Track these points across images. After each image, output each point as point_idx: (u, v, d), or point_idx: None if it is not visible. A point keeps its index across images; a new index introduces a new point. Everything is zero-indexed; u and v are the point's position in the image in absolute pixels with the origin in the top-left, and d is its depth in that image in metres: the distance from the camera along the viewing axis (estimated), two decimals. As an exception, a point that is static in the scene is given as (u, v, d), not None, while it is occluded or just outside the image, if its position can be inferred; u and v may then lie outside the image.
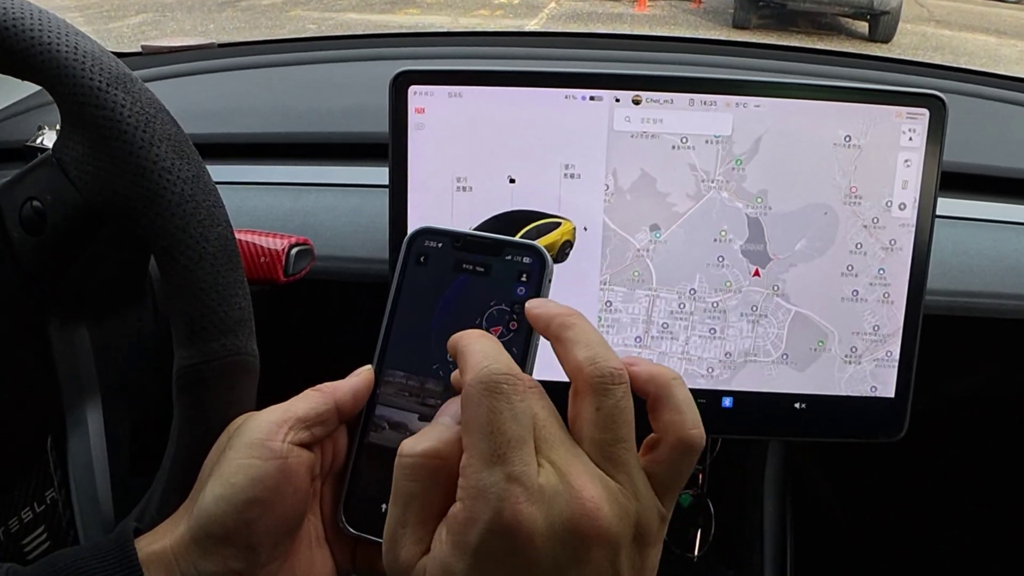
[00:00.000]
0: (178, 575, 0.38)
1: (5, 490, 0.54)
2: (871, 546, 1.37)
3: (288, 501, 0.39)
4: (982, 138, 1.02)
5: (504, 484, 0.30)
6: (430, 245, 0.44)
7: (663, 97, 0.72)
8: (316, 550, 0.43)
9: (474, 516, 0.30)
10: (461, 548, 0.31)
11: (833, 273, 0.73)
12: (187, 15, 10.79)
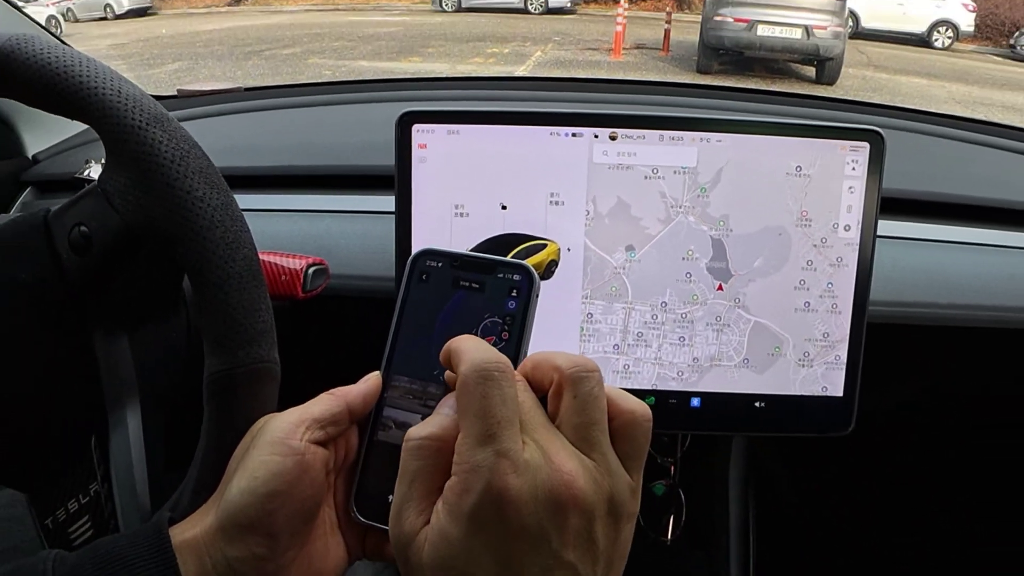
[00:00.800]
0: (207, 560, 0.38)
1: (53, 483, 0.53)
2: (824, 529, 1.37)
3: (305, 493, 0.39)
4: (916, 168, 1.02)
5: (494, 459, 0.32)
6: (431, 264, 0.45)
7: (636, 134, 0.72)
8: (330, 537, 0.43)
9: (468, 487, 0.32)
10: (456, 516, 0.32)
11: (787, 287, 0.74)
12: (217, 63, 10.82)
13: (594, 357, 0.75)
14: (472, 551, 0.32)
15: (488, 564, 0.32)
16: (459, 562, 0.32)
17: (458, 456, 0.33)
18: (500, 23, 14.78)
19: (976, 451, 1.33)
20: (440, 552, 0.32)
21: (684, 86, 1.82)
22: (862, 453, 1.27)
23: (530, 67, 10.70)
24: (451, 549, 0.32)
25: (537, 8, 16.00)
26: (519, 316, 0.43)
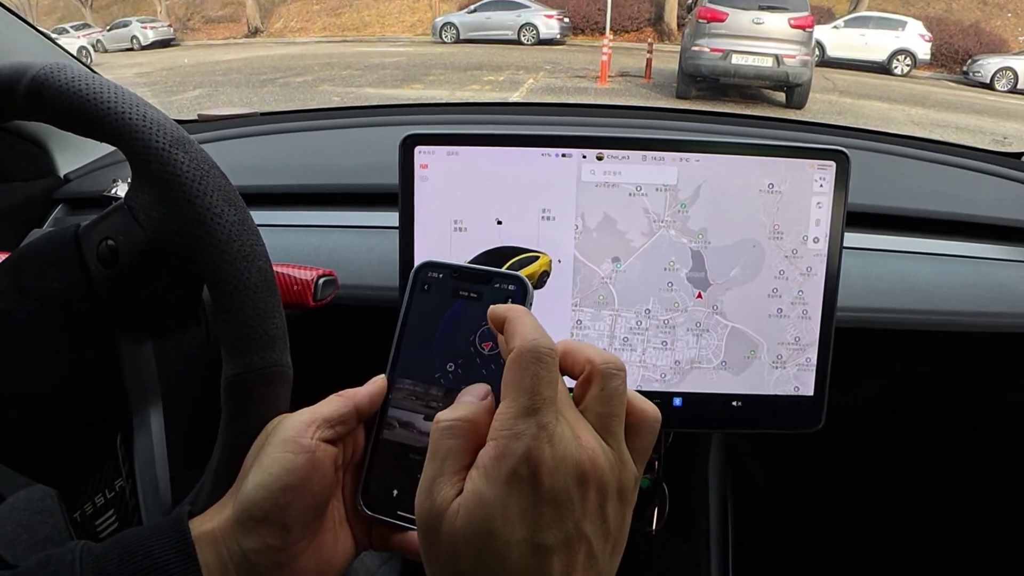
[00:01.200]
0: (224, 551, 0.38)
1: (81, 479, 0.53)
2: (798, 520, 1.37)
3: (316, 488, 0.39)
4: (879, 184, 1.03)
5: (535, 429, 0.32)
6: (432, 276, 0.45)
7: (621, 154, 0.72)
8: (339, 530, 0.42)
9: (507, 452, 0.32)
10: (493, 479, 0.32)
11: (761, 295, 0.74)
12: (235, 90, 10.86)
13: (583, 360, 0.75)
14: (507, 512, 0.32)
15: (519, 526, 0.32)
16: (495, 523, 0.32)
17: (499, 424, 0.33)
18: (495, 53, 14.84)
19: (937, 446, 1.33)
20: (475, 515, 0.32)
21: (665, 110, 1.83)
22: (832, 448, 1.27)
23: (523, 93, 10.74)
24: (486, 511, 0.32)
25: (529, 40, 16.06)
26: None
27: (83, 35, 17.40)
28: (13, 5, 0.99)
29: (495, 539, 0.31)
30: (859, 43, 14.64)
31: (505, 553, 0.32)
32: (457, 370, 0.43)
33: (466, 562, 0.32)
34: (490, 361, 0.42)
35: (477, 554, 0.32)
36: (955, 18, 17.68)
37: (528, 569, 0.32)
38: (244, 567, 0.38)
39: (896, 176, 1.11)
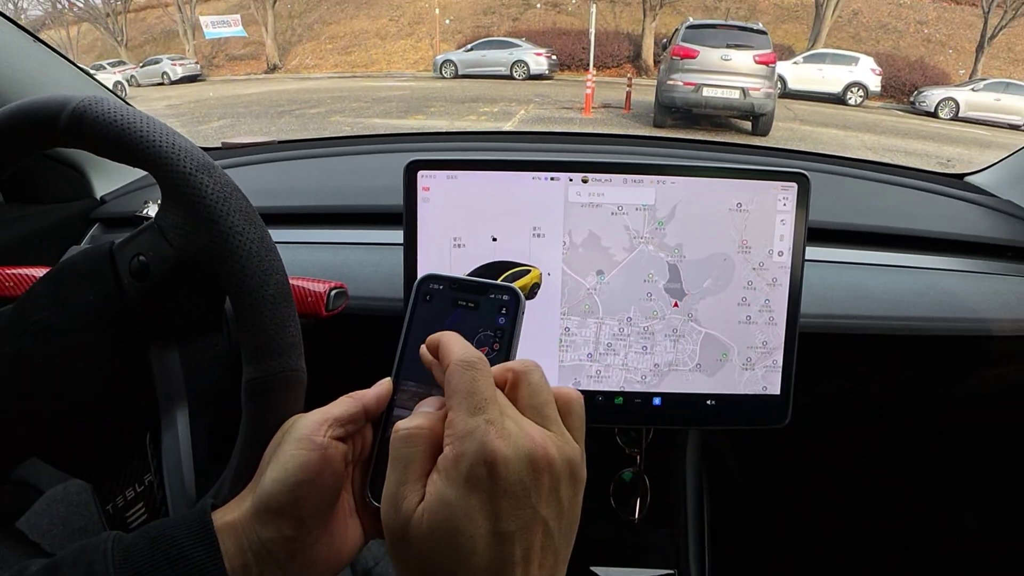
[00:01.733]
0: (244, 540, 0.38)
1: (113, 474, 0.53)
2: (768, 507, 1.36)
3: (327, 482, 0.39)
4: (836, 203, 1.03)
5: (484, 426, 0.33)
6: (433, 287, 0.45)
7: (604, 177, 0.72)
8: (349, 520, 0.42)
9: (463, 452, 0.33)
10: (453, 479, 0.33)
11: (732, 303, 0.74)
12: (255, 120, 10.87)
13: (571, 364, 0.75)
14: (468, 510, 0.32)
15: (481, 520, 0.32)
16: (459, 522, 0.32)
17: (451, 429, 0.34)
18: (490, 87, 14.91)
19: (892, 440, 1.34)
20: (439, 516, 0.32)
21: (643, 138, 1.84)
22: (798, 442, 1.27)
23: (515, 123, 10.79)
24: (449, 510, 0.32)
25: (520, 75, 16.15)
26: (508, 329, 0.43)
27: (119, 71, 17.48)
28: (55, 43, 0.99)
29: (460, 535, 0.32)
30: (817, 77, 14.77)
31: (470, 547, 0.32)
32: None
33: (432, 561, 0.33)
34: (488, 358, 0.42)
35: (444, 551, 0.32)
36: (902, 54, 17.88)
37: (492, 557, 0.32)
38: (262, 555, 0.38)
39: (852, 195, 1.12)
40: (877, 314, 0.87)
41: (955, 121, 13.53)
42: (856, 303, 0.87)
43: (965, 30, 18.14)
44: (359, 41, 21.44)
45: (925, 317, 0.87)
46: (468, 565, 0.32)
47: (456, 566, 0.32)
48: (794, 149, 1.37)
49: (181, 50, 20.61)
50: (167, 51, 20.35)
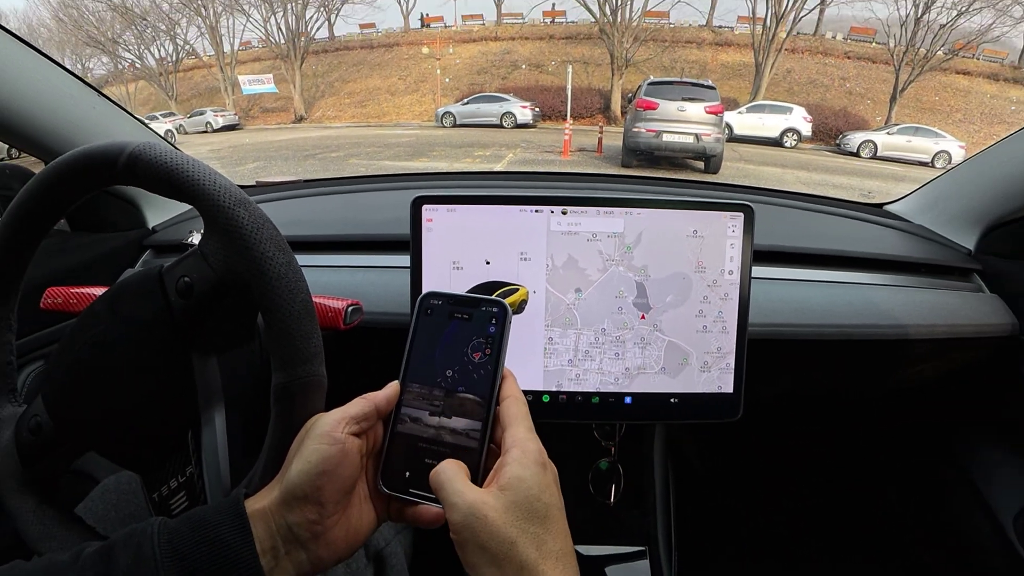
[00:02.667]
0: (272, 524, 0.38)
1: (159, 467, 0.53)
2: (724, 490, 1.36)
3: (345, 472, 0.39)
4: (776, 229, 1.04)
5: (535, 437, 0.40)
6: (434, 302, 0.46)
7: (580, 209, 0.72)
8: (364, 505, 0.42)
9: (529, 449, 0.39)
10: (527, 465, 0.38)
11: (690, 315, 0.74)
12: (284, 163, 10.89)
13: (554, 369, 0.74)
14: (546, 483, 0.38)
15: (553, 494, 0.38)
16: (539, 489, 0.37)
17: (515, 437, 0.40)
18: (483, 135, 14.99)
19: (827, 429, 1.34)
20: (526, 483, 0.37)
21: (613, 176, 1.85)
22: (749, 433, 1.27)
23: (505, 164, 10.84)
24: (534, 479, 0.38)
25: (509, 124, 16.22)
26: (497, 337, 0.44)
27: (169, 121, 17.52)
28: (116, 97, 1.00)
29: (543, 495, 0.37)
30: (758, 124, 14.95)
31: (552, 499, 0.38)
32: (454, 375, 0.44)
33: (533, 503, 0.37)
34: (479, 368, 0.43)
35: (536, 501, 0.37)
36: (828, 104, 18.15)
37: (558, 505, 0.38)
38: (288, 537, 0.38)
39: (790, 223, 1.13)
40: (813, 323, 0.87)
41: (874, 159, 13.71)
42: (795, 313, 0.87)
43: (880, 84, 18.46)
44: (373, 96, 21.54)
45: (854, 324, 0.88)
46: (556, 503, 0.38)
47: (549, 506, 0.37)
48: (740, 184, 1.39)
49: (222, 103, 20.65)
50: (210, 104, 20.37)
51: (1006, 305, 0.95)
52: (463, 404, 0.43)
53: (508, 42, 22.21)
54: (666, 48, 20.06)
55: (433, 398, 0.43)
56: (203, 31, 21.34)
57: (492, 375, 0.43)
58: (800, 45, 19.59)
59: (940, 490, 1.15)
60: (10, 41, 0.74)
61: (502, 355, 0.44)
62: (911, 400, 1.19)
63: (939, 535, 1.14)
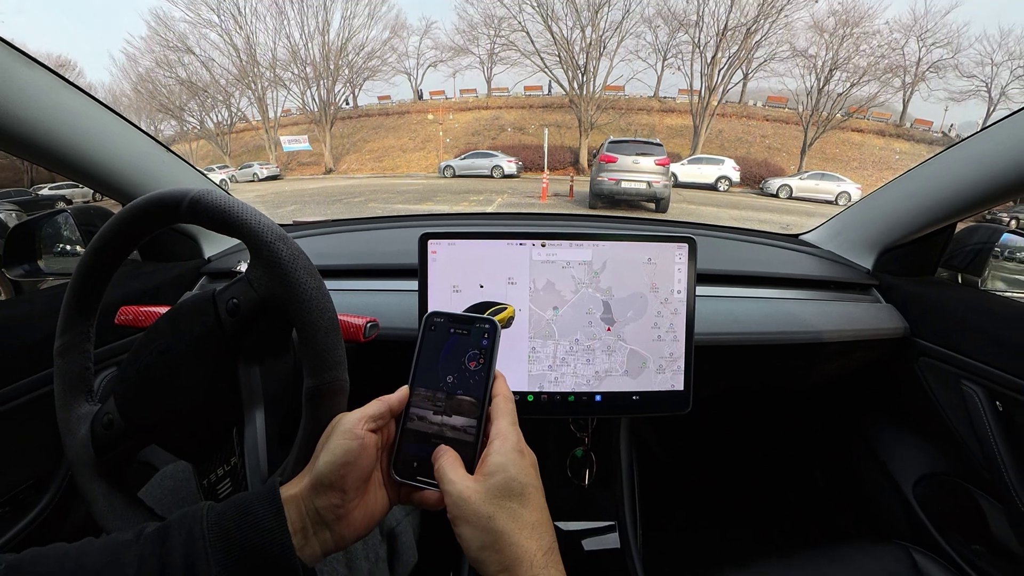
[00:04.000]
0: (303, 508, 0.38)
1: (209, 457, 0.51)
2: (679, 472, 1.35)
3: (364, 463, 0.39)
4: (714, 256, 1.05)
5: (517, 430, 0.40)
6: (437, 320, 0.46)
7: (556, 242, 0.72)
8: (379, 491, 0.41)
9: (509, 437, 0.39)
10: (506, 452, 0.38)
11: (647, 327, 0.73)
12: (316, 206, 10.92)
13: (537, 373, 0.73)
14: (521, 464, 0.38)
15: (530, 475, 0.38)
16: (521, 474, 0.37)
17: (500, 428, 0.40)
18: (477, 183, 15.13)
19: (760, 418, 1.33)
20: (510, 467, 0.38)
21: (582, 216, 1.86)
22: (698, 424, 1.26)
23: (495, 206, 10.93)
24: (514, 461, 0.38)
25: (498, 175, 16.36)
26: (489, 348, 0.43)
27: (223, 172, 17.60)
28: (182, 152, 1.01)
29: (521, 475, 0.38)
30: (697, 172, 15.24)
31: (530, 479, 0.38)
32: (454, 380, 0.43)
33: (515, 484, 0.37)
34: (474, 374, 0.43)
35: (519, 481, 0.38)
36: (752, 156, 18.55)
37: (537, 485, 0.38)
38: (316, 519, 0.37)
39: (725, 251, 1.14)
40: (746, 331, 0.87)
41: (790, 199, 14.02)
42: (732, 324, 0.87)
43: (792, 140, 18.91)
44: (388, 153, 21.66)
45: (778, 332, 0.88)
46: (532, 482, 0.38)
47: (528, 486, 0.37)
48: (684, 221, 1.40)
49: (266, 158, 20.67)
50: (257, 159, 20.39)
51: (899, 313, 0.96)
52: (461, 404, 0.42)
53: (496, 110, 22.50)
54: (622, 114, 20.43)
55: (436, 400, 0.43)
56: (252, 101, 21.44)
57: (485, 380, 0.43)
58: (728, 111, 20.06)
59: (852, 464, 1.14)
60: (97, 107, 0.75)
61: (493, 363, 0.43)
62: (827, 392, 1.19)
63: (852, 500, 1.14)
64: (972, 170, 0.80)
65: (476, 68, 22.11)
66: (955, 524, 0.90)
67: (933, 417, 0.92)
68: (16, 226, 0.82)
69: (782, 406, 1.30)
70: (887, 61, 18.26)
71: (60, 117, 0.68)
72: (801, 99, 18.66)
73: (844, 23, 17.85)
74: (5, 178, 15.37)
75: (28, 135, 0.65)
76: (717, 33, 18.10)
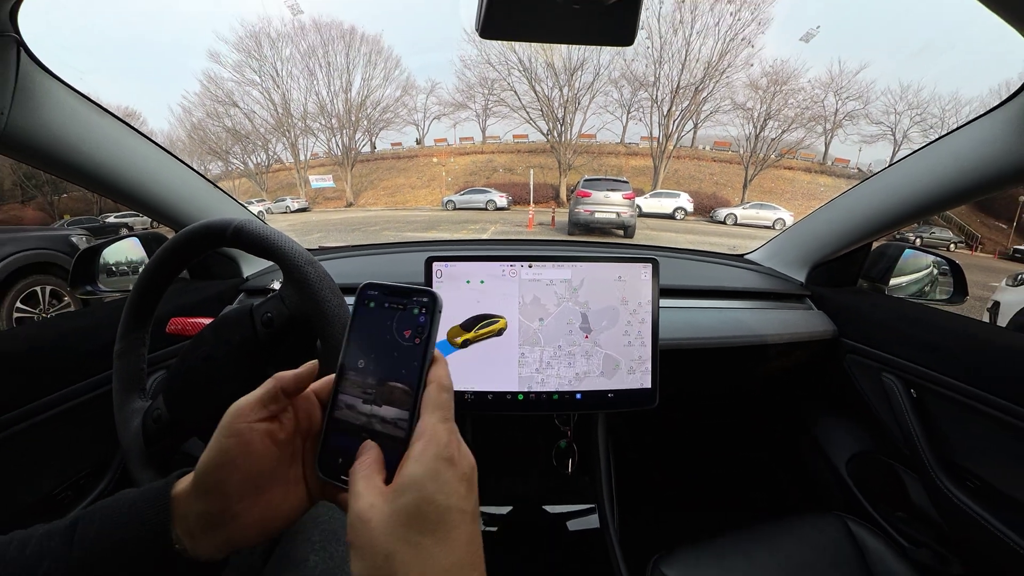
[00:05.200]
0: (186, 510, 0.29)
1: None
2: (649, 460, 1.33)
3: (249, 463, 0.29)
4: (674, 274, 1.05)
5: (449, 428, 0.27)
6: (371, 293, 0.34)
7: (541, 264, 0.72)
8: (293, 487, 0.31)
9: (436, 442, 0.26)
10: (424, 463, 0.26)
11: (619, 335, 0.73)
12: (339, 234, 10.91)
13: (525, 375, 0.73)
14: (439, 480, 0.26)
15: (454, 494, 0.25)
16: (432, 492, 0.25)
17: (427, 427, 0.27)
18: (474, 215, 15.16)
19: (718, 410, 1.33)
20: (423, 486, 0.25)
21: (562, 241, 1.87)
22: (664, 417, 1.25)
23: (489, 234, 10.95)
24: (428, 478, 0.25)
25: (491, 208, 16.43)
26: (427, 326, 0.31)
27: (260, 204, 17.62)
28: (226, 188, 1.01)
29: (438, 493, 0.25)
30: (658, 204, 15.42)
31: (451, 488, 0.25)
32: (387, 364, 0.32)
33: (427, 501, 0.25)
34: (409, 356, 0.31)
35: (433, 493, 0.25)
36: (703, 191, 18.84)
37: (470, 534, 0.25)
38: (200, 523, 0.29)
39: (682, 269, 1.14)
40: (702, 336, 0.87)
41: (735, 226, 14.20)
42: (690, 331, 0.87)
43: (736, 177, 19.27)
44: (399, 190, 21.75)
45: (729, 336, 0.88)
46: (458, 504, 0.25)
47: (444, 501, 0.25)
48: (648, 245, 1.41)
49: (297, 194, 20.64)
50: (289, 194, 20.37)
51: (828, 318, 0.97)
52: (392, 392, 0.31)
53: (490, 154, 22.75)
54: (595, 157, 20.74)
55: (367, 386, 0.31)
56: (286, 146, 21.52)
57: (420, 364, 0.31)
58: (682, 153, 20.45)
59: (795, 447, 1.14)
60: (157, 150, 0.76)
61: (431, 343, 0.32)
62: (772, 386, 1.19)
63: (797, 478, 1.13)
64: (882, 199, 0.82)
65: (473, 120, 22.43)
66: (881, 495, 0.90)
67: (860, 405, 0.92)
68: (81, 252, 0.82)
69: (736, 400, 1.29)
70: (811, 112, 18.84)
71: (125, 157, 0.69)
72: (742, 143, 19.12)
73: (774, 82, 18.42)
74: (78, 207, 15.57)
75: (99, 172, 0.66)
76: (671, 91, 18.57)
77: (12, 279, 3.27)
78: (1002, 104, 0.62)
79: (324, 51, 20.58)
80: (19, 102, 0.53)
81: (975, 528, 0.67)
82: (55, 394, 0.60)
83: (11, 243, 3.31)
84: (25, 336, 0.62)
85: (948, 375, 0.72)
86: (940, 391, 0.74)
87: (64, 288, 3.48)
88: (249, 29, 22.54)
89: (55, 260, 3.44)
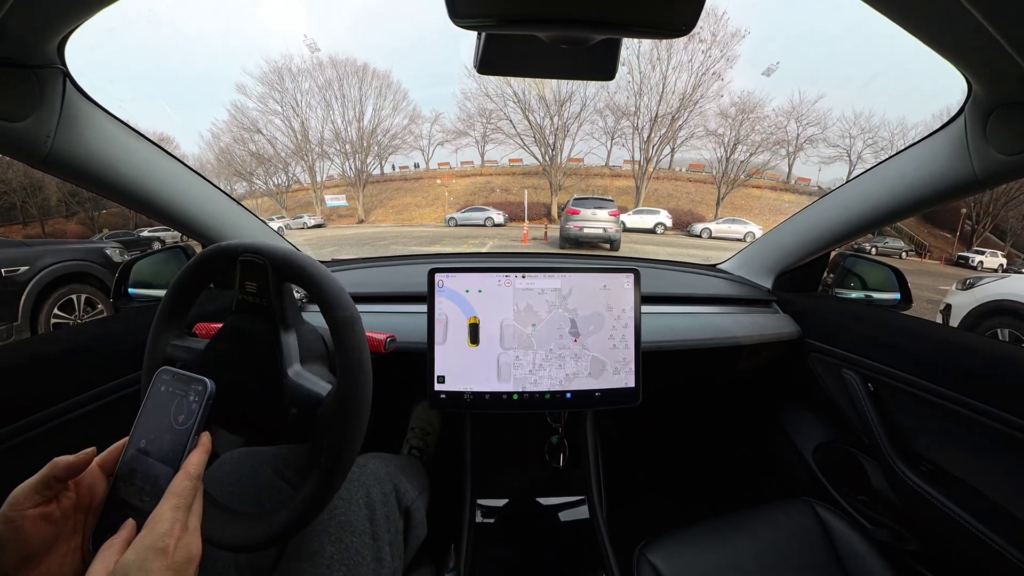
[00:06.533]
0: None
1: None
2: (634, 454, 1.32)
3: (19, 545, 0.28)
4: (655, 282, 1.05)
5: (174, 518, 0.27)
6: (165, 377, 0.35)
7: (534, 275, 0.72)
8: (69, 556, 0.29)
9: (154, 531, 0.27)
10: (138, 551, 0.26)
11: (605, 338, 0.73)
12: (351, 248, 10.86)
13: (520, 376, 0.72)
14: None
15: (161, 569, 0.26)
16: None
17: (152, 516, 0.28)
18: (474, 231, 15.18)
19: (696, 406, 1.32)
20: None
21: (554, 254, 1.88)
22: (647, 414, 1.24)
23: (488, 248, 10.95)
24: None
25: (489, 224, 16.46)
26: (196, 412, 0.33)
27: (281, 221, 17.64)
28: (249, 206, 0.99)
29: None
30: (640, 220, 15.50)
31: None
32: (161, 444, 0.32)
33: None
34: (178, 438, 0.32)
35: None
36: (681, 208, 18.97)
37: None
38: None
39: (662, 278, 1.14)
40: (680, 339, 0.87)
41: (710, 239, 14.31)
42: (669, 334, 0.87)
43: (709, 195, 19.45)
44: (406, 208, 21.80)
45: (704, 339, 0.88)
46: None
47: None
48: (631, 256, 1.42)
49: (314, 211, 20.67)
50: (306, 211, 20.38)
51: (793, 320, 0.97)
52: (158, 473, 0.30)
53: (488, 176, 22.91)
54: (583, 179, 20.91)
55: (144, 464, 0.31)
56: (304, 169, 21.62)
57: (182, 449, 0.31)
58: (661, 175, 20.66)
59: (766, 438, 1.13)
60: (187, 171, 0.76)
61: (195, 430, 0.32)
62: (745, 383, 1.19)
63: (769, 468, 1.12)
64: (839, 212, 0.84)
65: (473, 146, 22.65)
66: (844, 480, 0.89)
67: (824, 399, 0.92)
68: (122, 266, 0.83)
69: (712, 397, 1.29)
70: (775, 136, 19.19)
71: (159, 177, 0.69)
72: (715, 165, 19.39)
73: (742, 111, 18.78)
74: (116, 222, 15.91)
75: (134, 190, 0.66)
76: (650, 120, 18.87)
77: (50, 288, 3.25)
78: (942, 128, 0.63)
79: (339, 84, 20.81)
80: (64, 127, 0.53)
81: (928, 508, 0.67)
82: (85, 394, 0.60)
83: (50, 255, 3.30)
84: (64, 337, 0.62)
85: (901, 370, 0.73)
86: (894, 384, 0.74)
87: (97, 296, 3.46)
88: (272, 65, 22.97)
89: (90, 271, 3.43)
